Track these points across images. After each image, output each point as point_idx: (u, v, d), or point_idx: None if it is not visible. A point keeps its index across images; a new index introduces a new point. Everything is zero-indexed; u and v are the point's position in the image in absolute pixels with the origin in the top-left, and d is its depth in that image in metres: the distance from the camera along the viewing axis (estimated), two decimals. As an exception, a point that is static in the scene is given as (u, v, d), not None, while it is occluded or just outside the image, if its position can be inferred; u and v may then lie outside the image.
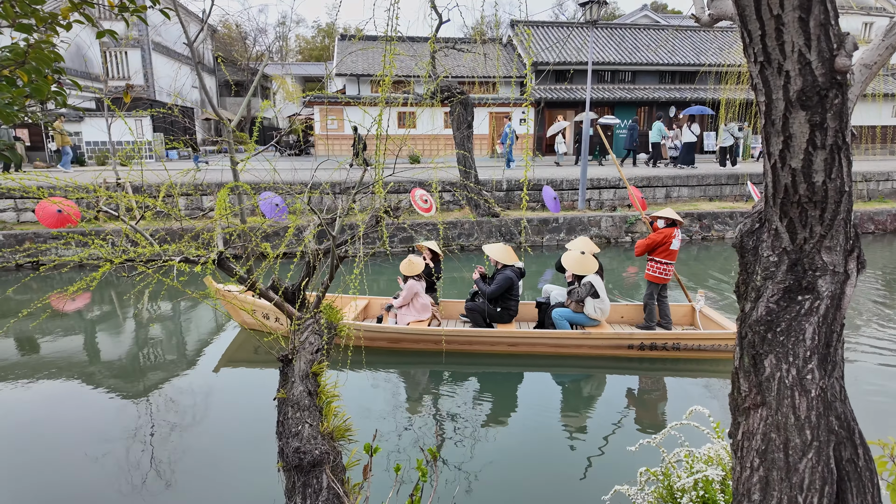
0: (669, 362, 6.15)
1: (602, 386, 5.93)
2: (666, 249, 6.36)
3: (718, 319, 6.46)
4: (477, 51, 13.93)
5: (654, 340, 6.16)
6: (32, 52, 1.54)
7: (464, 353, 6.35)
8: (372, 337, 6.34)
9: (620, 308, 7.13)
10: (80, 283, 3.09)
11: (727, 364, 6.05)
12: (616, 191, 14.25)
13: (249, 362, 6.58)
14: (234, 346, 6.95)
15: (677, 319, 6.98)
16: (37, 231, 11.13)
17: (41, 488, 4.09)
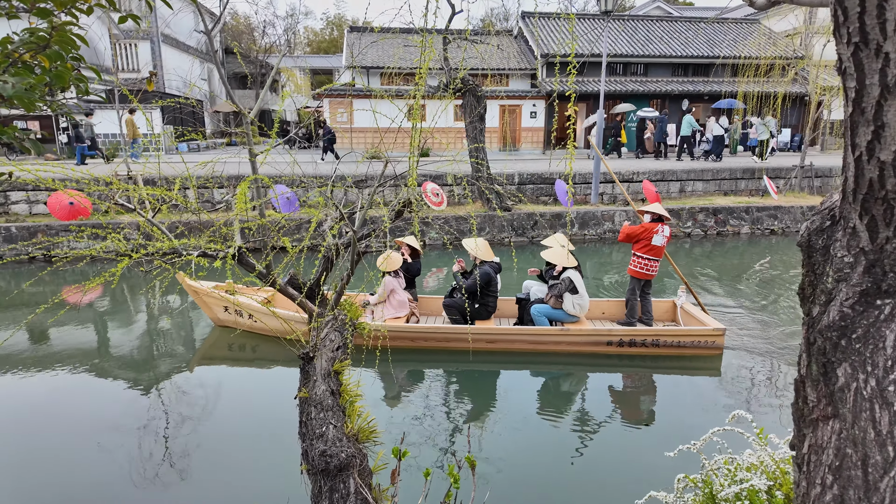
0: (651, 359, 6.08)
1: (584, 382, 5.91)
2: (647, 244, 6.22)
3: (699, 316, 6.40)
4: (488, 42, 13.75)
5: (634, 337, 6.08)
6: (56, 36, 1.45)
7: (442, 351, 6.24)
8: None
9: (602, 304, 7.08)
10: (98, 279, 3.01)
11: (707, 360, 6.00)
12: (629, 185, 14.06)
13: (223, 359, 6.47)
14: (208, 343, 6.81)
15: (658, 316, 6.93)
16: (49, 223, 11.12)
17: (52, 479, 4.05)
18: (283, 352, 6.28)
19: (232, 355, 6.52)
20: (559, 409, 5.25)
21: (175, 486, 4.01)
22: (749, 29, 25.86)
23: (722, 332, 6.00)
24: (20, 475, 4.17)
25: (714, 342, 6.01)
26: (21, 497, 3.91)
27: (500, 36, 18.84)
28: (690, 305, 6.71)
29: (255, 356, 6.43)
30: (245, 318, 6.66)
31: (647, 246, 6.24)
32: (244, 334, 6.75)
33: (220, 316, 6.90)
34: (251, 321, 6.63)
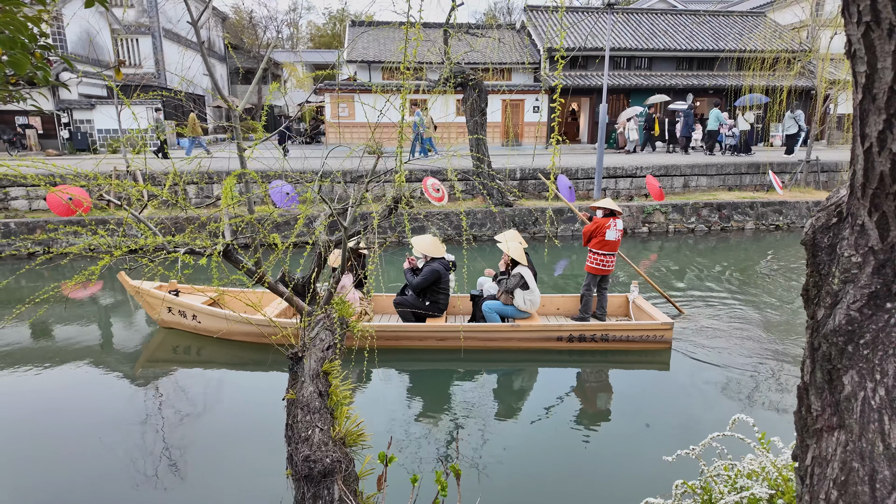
0: (601, 353, 6.10)
1: (537, 378, 5.88)
2: (601, 240, 6.25)
3: (650, 310, 6.43)
4: (490, 36, 13.60)
5: (583, 332, 6.11)
6: (2, 19, 1.35)
7: (394, 349, 6.16)
8: None
9: (556, 299, 7.11)
10: (79, 277, 2.93)
11: (656, 354, 6.06)
12: (633, 180, 13.92)
13: (166, 362, 6.25)
14: (153, 344, 6.59)
15: (612, 310, 6.98)
16: (48, 219, 11.08)
17: (45, 478, 3.99)
18: (230, 353, 6.21)
19: (176, 358, 6.34)
20: (533, 408, 5.19)
21: (166, 487, 3.94)
22: (754, 22, 25.56)
23: (670, 327, 6.04)
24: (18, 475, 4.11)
25: (662, 336, 6.06)
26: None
27: (502, 30, 18.65)
28: (643, 300, 6.75)
29: (199, 359, 6.21)
30: (189, 320, 6.51)
31: (601, 241, 6.26)
32: (189, 336, 6.58)
33: (164, 317, 6.70)
34: (195, 322, 6.45)
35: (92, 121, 20.11)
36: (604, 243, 6.26)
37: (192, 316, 6.43)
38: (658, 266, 10.58)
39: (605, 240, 6.23)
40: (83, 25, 21.25)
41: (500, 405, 5.24)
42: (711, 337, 6.58)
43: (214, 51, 30.99)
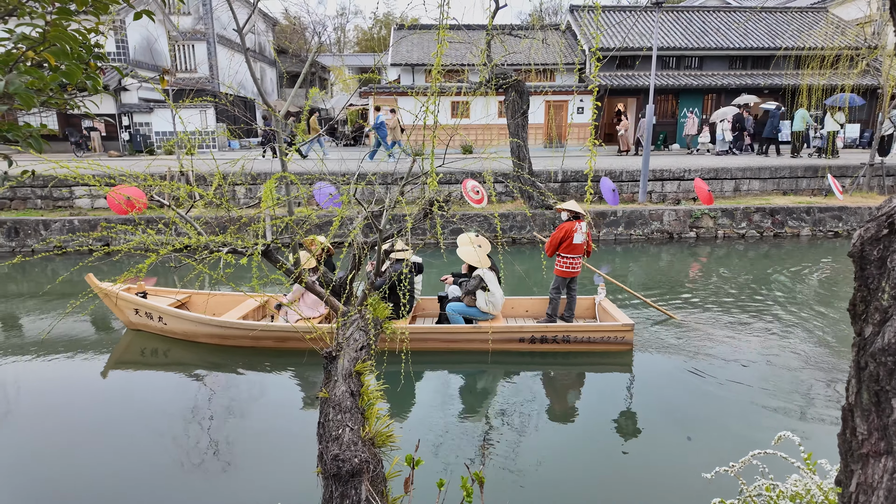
0: (562, 355, 6.13)
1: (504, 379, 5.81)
2: (569, 244, 6.31)
3: (614, 312, 6.47)
4: (534, 37, 13.48)
5: (545, 333, 6.14)
6: (52, 31, 1.44)
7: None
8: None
9: (525, 301, 7.15)
10: (128, 273, 3.08)
11: (618, 356, 6.08)
12: (680, 183, 13.50)
13: (136, 364, 6.26)
14: (122, 346, 6.62)
15: (580, 312, 7.05)
16: (108, 217, 11.70)
17: (67, 471, 4.20)
18: (195, 356, 6.27)
19: (119, 356, 6.37)
20: (563, 413, 5.06)
21: (193, 483, 4.09)
22: (815, 18, 24.35)
23: (630, 328, 6.08)
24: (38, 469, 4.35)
25: (623, 338, 6.11)
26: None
27: (547, 31, 18.44)
28: (609, 302, 6.79)
29: (168, 360, 6.29)
30: (156, 322, 6.57)
31: (569, 245, 6.31)
32: (158, 338, 6.61)
33: (132, 319, 6.77)
34: (161, 324, 6.55)
35: (150, 123, 21.13)
36: (571, 247, 6.32)
37: (158, 318, 6.51)
38: (706, 272, 10.21)
39: (573, 243, 6.30)
40: (143, 33, 22.38)
41: (529, 410, 5.17)
42: (737, 348, 6.31)
43: (265, 55, 31.99)
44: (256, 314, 6.88)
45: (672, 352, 6.26)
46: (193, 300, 7.11)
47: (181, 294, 7.00)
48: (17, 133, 1.47)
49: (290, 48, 34.21)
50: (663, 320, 7.20)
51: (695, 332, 6.81)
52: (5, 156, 1.71)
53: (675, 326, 7.00)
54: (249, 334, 6.17)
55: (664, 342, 6.53)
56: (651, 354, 6.20)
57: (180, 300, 6.90)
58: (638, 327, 6.47)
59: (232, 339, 6.26)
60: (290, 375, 5.91)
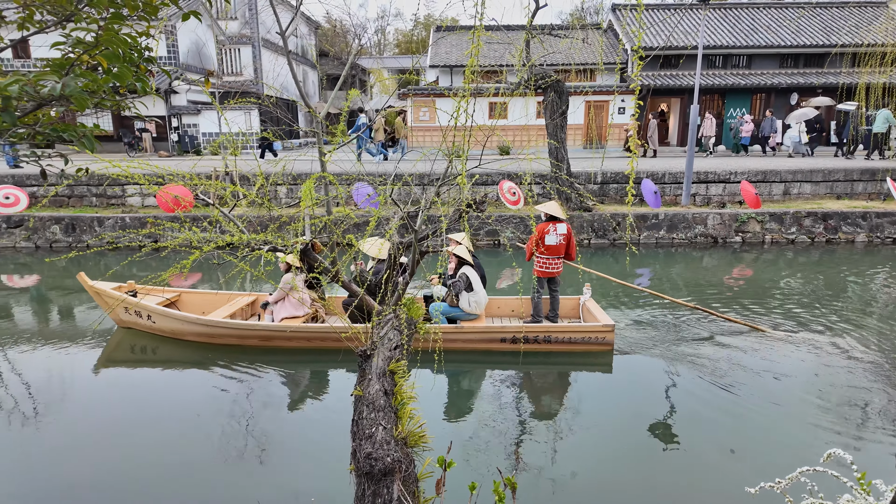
0: (543, 355, 6.15)
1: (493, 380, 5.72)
2: (543, 245, 6.39)
3: (597, 313, 6.48)
4: (574, 36, 13.30)
5: (526, 333, 6.16)
6: (104, 35, 1.50)
7: (336, 350, 6.10)
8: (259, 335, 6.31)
9: (511, 301, 7.18)
10: (173, 269, 3.20)
11: (599, 356, 6.10)
12: (726, 185, 13.05)
13: (127, 361, 6.35)
14: (112, 343, 6.70)
15: (565, 312, 7.08)
16: (157, 214, 12.19)
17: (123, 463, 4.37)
18: (182, 353, 6.35)
19: (135, 357, 6.47)
20: (599, 418, 4.93)
21: (224, 477, 4.19)
22: (874, 13, 23.15)
23: (611, 329, 6.10)
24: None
25: (604, 338, 6.13)
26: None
27: (587, 30, 18.16)
28: (593, 302, 6.81)
29: (156, 358, 6.39)
30: (145, 320, 6.67)
31: (544, 246, 6.40)
32: (147, 336, 6.73)
33: (122, 317, 6.87)
34: (150, 322, 6.65)
35: (197, 125, 21.90)
36: (545, 247, 6.41)
37: (147, 316, 6.62)
38: (752, 278, 9.84)
39: (546, 244, 6.37)
40: (192, 38, 23.22)
41: (564, 413, 5.10)
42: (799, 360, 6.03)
43: (307, 58, 32.68)
44: (244, 313, 7.01)
45: (717, 361, 6.05)
46: (183, 299, 7.25)
47: (171, 293, 7.15)
48: (72, 133, 1.55)
49: (331, 51, 34.85)
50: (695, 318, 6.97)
51: (740, 340, 6.56)
52: (62, 154, 1.80)
53: (725, 334, 6.77)
54: (237, 333, 6.31)
55: (708, 352, 6.32)
56: (694, 363, 6.01)
57: (170, 299, 7.04)
58: (686, 335, 6.28)
59: (218, 337, 6.40)
60: (277, 373, 5.94)
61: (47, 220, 12.27)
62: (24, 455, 4.42)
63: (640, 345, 6.56)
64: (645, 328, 7.12)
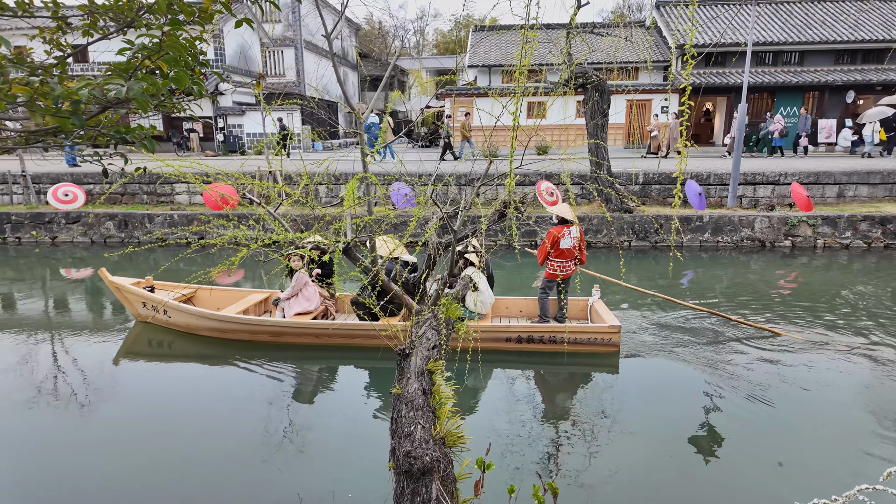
0: (549, 355, 6.11)
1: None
2: (557, 249, 6.37)
3: (604, 315, 6.45)
4: (616, 35, 13.05)
5: (531, 333, 6.15)
6: (167, 41, 1.56)
7: (346, 347, 6.32)
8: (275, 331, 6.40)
9: (519, 302, 7.18)
10: (222, 265, 3.31)
11: (605, 357, 6.06)
12: (775, 187, 12.55)
13: (145, 354, 6.52)
14: (131, 337, 6.90)
15: (574, 314, 7.05)
16: (203, 212, 12.61)
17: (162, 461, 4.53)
18: (199, 347, 6.47)
19: (152, 351, 6.63)
20: (640, 421, 4.80)
21: (265, 472, 4.29)
22: (942, 5, 21.82)
23: (617, 330, 6.07)
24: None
25: (610, 339, 6.10)
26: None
27: (630, 28, 17.79)
28: (602, 304, 6.77)
29: (171, 352, 6.55)
30: (161, 315, 6.86)
31: (557, 250, 6.37)
32: (164, 330, 6.90)
33: (140, 311, 7.08)
34: (166, 317, 6.83)
35: (242, 125, 22.56)
36: (559, 251, 6.38)
37: (163, 311, 6.83)
38: (801, 284, 9.43)
39: (560, 248, 6.34)
40: (238, 41, 23.93)
41: (605, 416, 5.00)
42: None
43: (347, 60, 33.21)
44: (257, 309, 7.16)
45: (770, 370, 5.83)
46: (199, 295, 7.44)
47: (187, 288, 7.33)
48: (134, 135, 1.63)
49: (373, 52, 35.27)
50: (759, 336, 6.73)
51: (788, 348, 6.30)
52: (123, 155, 1.88)
53: (773, 344, 6.52)
54: (250, 328, 6.45)
55: (742, 361, 6.10)
56: (726, 372, 5.81)
57: (186, 294, 7.24)
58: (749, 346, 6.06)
59: (231, 332, 6.55)
60: (290, 369, 6.03)
61: (102, 216, 12.88)
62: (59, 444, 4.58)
63: (651, 347, 6.48)
64: (658, 331, 7.00)
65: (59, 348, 6.73)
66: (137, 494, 3.92)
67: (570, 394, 5.67)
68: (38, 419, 4.94)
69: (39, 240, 12.93)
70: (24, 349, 6.66)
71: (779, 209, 12.28)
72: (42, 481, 4.03)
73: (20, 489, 3.95)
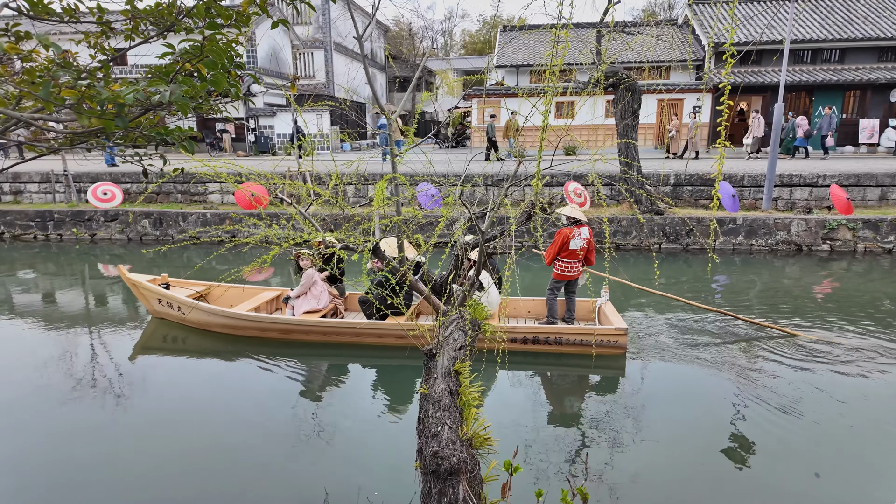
0: (555, 357, 6.08)
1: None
2: (566, 249, 6.34)
3: (612, 317, 6.38)
4: (648, 33, 12.84)
5: (537, 334, 6.13)
6: (208, 45, 1.60)
7: (352, 345, 6.41)
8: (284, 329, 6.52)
9: (527, 302, 7.16)
10: (254, 263, 3.37)
11: (612, 360, 5.99)
12: (813, 189, 12.16)
13: (160, 349, 6.68)
14: (147, 332, 7.09)
15: (583, 315, 7.03)
16: (235, 211, 12.89)
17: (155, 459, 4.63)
18: (212, 344, 6.59)
19: (167, 346, 6.78)
20: (670, 426, 4.70)
21: (294, 465, 4.35)
22: None
23: (624, 332, 6.04)
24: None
25: (617, 341, 6.06)
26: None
27: (661, 26, 17.47)
28: (610, 305, 6.68)
29: (185, 347, 6.69)
30: (176, 311, 7.00)
31: (566, 250, 6.34)
32: (178, 326, 7.06)
33: (156, 307, 7.24)
34: (181, 314, 6.97)
35: (273, 126, 22.96)
36: (569, 252, 6.35)
37: (177, 307, 6.96)
38: (839, 289, 9.11)
39: (570, 249, 6.32)
40: (270, 43, 24.37)
41: (633, 419, 4.92)
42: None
43: (375, 61, 33.49)
44: (268, 307, 7.29)
45: (800, 377, 5.65)
46: (213, 292, 7.59)
47: (201, 286, 7.50)
48: (174, 136, 1.68)
49: (404, 53, 35.47)
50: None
51: (824, 355, 6.10)
52: (162, 155, 1.94)
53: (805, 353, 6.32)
54: (259, 325, 6.59)
55: (769, 368, 5.92)
56: (771, 379, 5.65)
57: (200, 292, 7.39)
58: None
59: (241, 329, 6.69)
60: (307, 366, 6.10)
61: (138, 214, 13.28)
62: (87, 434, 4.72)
63: (664, 349, 6.42)
64: (672, 333, 6.92)
65: (84, 341, 6.99)
66: (168, 484, 4.02)
67: (579, 395, 5.64)
68: (65, 408, 5.14)
69: (79, 237, 13.40)
70: (55, 342, 6.95)
71: (816, 212, 11.89)
72: (75, 468, 4.17)
73: (52, 480, 4.09)
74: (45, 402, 5.24)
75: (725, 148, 2.84)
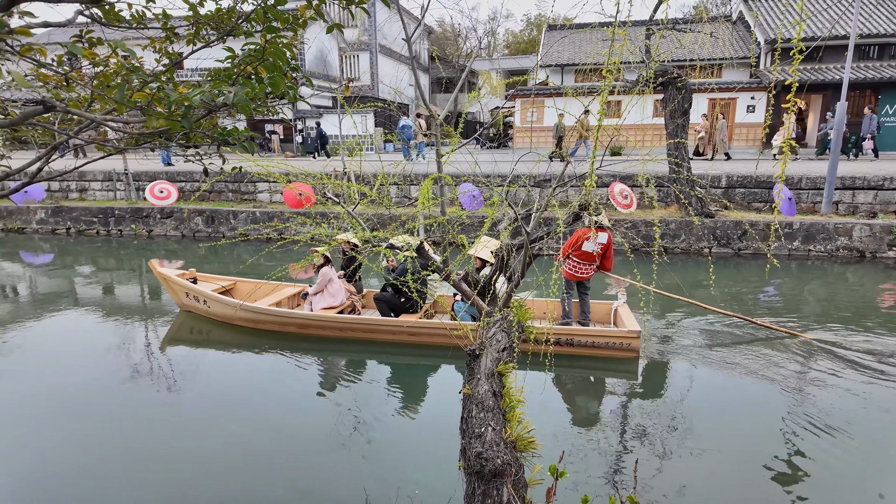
0: (567, 359, 5.95)
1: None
2: (578, 249, 6.32)
3: (627, 319, 6.33)
4: (700, 30, 12.42)
5: (548, 335, 5.58)
6: (269, 48, 1.65)
7: (366, 341, 6.54)
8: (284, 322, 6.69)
9: (541, 303, 7.07)
10: (304, 261, 3.46)
11: (624, 363, 5.94)
12: (878, 193, 11.47)
13: (186, 341, 6.90)
14: (176, 325, 7.33)
15: (599, 317, 7.00)
16: (283, 210, 13.24)
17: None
18: (234, 336, 6.76)
19: (194, 338, 7.02)
20: (715, 435, 4.50)
21: (338, 463, 4.41)
22: None
23: (637, 335, 5.96)
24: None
25: (629, 344, 5.99)
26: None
27: (714, 22, 16.86)
28: (626, 308, 6.64)
29: (208, 339, 6.93)
30: (202, 304, 7.25)
31: (578, 250, 6.32)
32: (204, 319, 7.32)
33: (184, 301, 7.51)
34: (206, 307, 7.22)
35: (316, 128, 23.45)
36: (581, 253, 6.32)
37: (203, 301, 7.23)
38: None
39: (582, 250, 6.29)
40: (318, 46, 24.93)
41: (682, 425, 4.75)
42: None
43: (419, 62, 33.75)
44: (290, 302, 7.48)
45: (848, 395, 5.34)
46: (238, 287, 7.81)
47: (227, 281, 7.72)
48: (235, 137, 1.74)
49: (452, 55, 35.60)
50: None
51: (871, 368, 5.75)
52: (221, 155, 2.01)
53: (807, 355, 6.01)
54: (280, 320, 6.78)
55: (797, 381, 5.60)
56: (821, 393, 5.35)
57: (225, 286, 7.63)
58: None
59: (262, 322, 6.90)
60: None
61: (192, 211, 13.83)
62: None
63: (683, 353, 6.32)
64: (686, 337, 6.78)
65: (127, 331, 7.36)
66: (207, 477, 4.14)
67: (597, 397, 5.56)
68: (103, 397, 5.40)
69: (137, 232, 14.08)
70: (105, 332, 7.34)
71: (882, 216, 11.21)
72: (118, 451, 4.37)
73: (97, 467, 4.29)
74: (93, 387, 5.57)
75: (785, 150, 2.71)
